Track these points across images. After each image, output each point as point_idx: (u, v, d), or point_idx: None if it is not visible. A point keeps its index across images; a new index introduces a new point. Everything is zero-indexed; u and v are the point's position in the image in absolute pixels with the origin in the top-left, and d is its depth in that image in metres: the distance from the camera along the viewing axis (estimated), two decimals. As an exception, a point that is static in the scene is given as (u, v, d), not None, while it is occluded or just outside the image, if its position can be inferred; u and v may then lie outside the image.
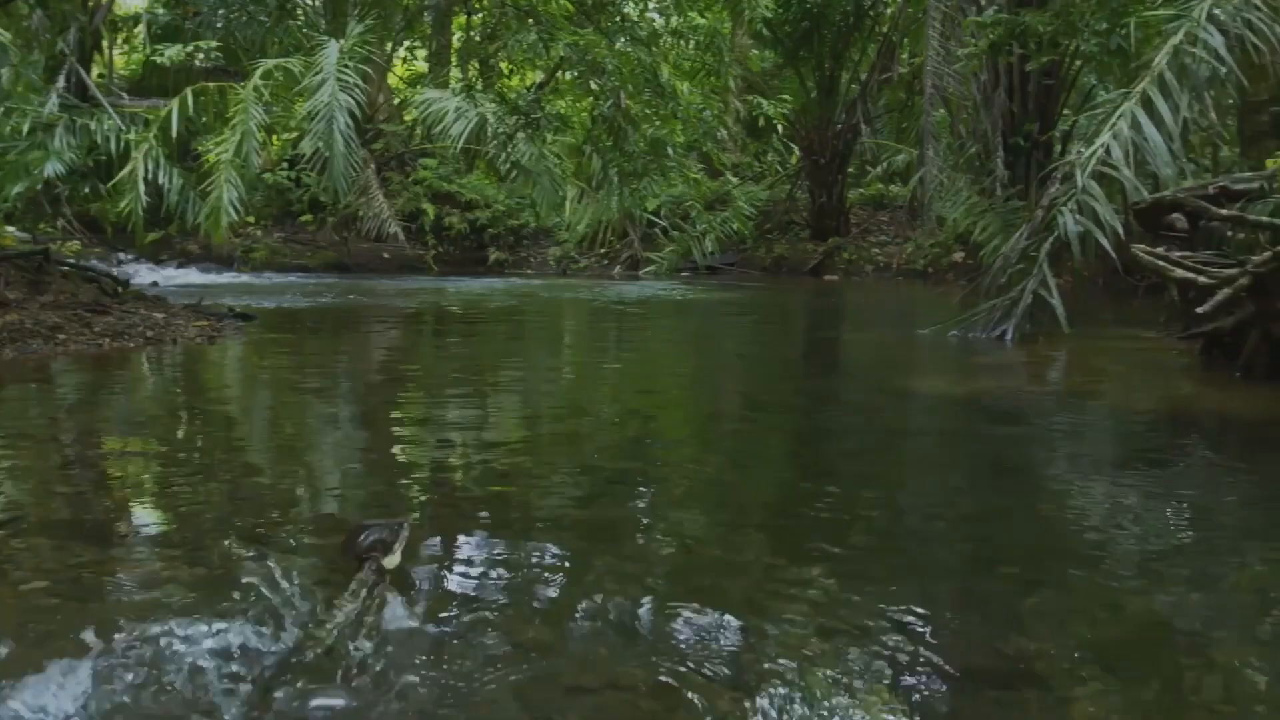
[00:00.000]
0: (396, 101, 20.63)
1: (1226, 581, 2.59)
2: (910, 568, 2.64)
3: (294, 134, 16.90)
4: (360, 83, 13.25)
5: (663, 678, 1.89)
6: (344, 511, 3.05)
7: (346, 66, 12.99)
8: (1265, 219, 5.74)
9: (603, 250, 19.40)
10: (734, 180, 20.21)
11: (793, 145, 21.42)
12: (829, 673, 1.93)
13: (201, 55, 17.07)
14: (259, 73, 12.82)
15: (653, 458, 4.04)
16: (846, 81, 18.73)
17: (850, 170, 19.99)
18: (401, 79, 22.41)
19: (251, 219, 16.71)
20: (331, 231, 17.83)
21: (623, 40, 10.08)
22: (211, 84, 14.27)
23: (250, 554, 2.52)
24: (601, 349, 8.51)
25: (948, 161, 15.50)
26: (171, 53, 16.73)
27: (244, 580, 2.33)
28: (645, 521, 3.00)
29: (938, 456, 4.29)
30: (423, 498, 3.28)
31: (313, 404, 5.21)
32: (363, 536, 2.11)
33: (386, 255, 17.57)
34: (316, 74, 12.88)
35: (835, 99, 18.52)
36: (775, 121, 20.51)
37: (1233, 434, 4.77)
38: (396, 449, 4.16)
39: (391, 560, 2.06)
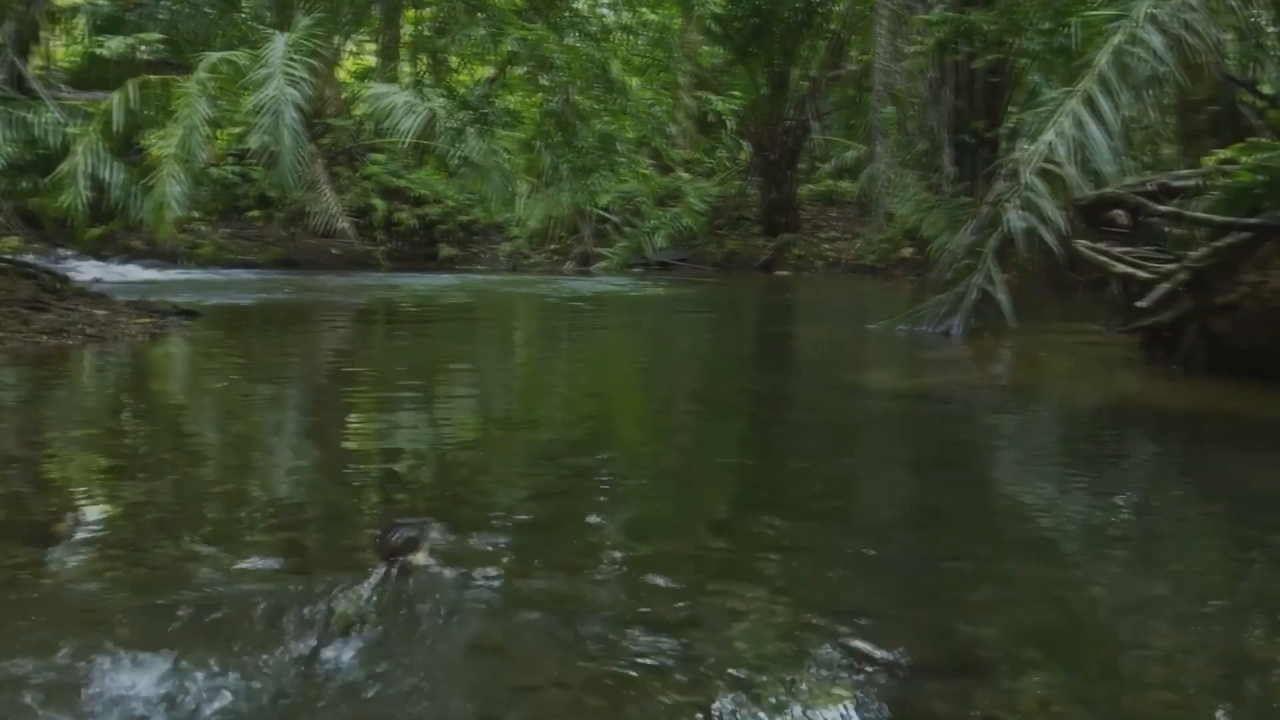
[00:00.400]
0: (345, 96, 20.42)
1: (1166, 571, 2.64)
2: (859, 561, 2.67)
3: (240, 128, 16.65)
4: (308, 77, 13.07)
5: (610, 674, 1.89)
6: (290, 509, 3.01)
7: (294, 60, 12.80)
8: (1202, 215, 5.85)
9: (554, 246, 19.36)
10: (685, 176, 20.26)
11: (743, 141, 21.51)
12: (777, 666, 1.95)
13: (144, 48, 16.74)
14: (204, 66, 12.60)
15: (604, 454, 4.04)
16: (796, 78, 18.84)
17: (800, 166, 20.13)
18: (350, 73, 22.18)
19: (197, 214, 16.45)
20: (279, 227, 17.62)
21: (572, 36, 10.05)
22: (155, 77, 14.00)
23: (193, 553, 2.49)
24: (554, 345, 8.50)
25: (896, 158, 15.66)
26: (113, 45, 16.39)
27: (188, 580, 2.30)
28: (597, 517, 3.00)
29: (886, 451, 4.33)
30: (372, 495, 3.26)
31: (259, 403, 5.14)
32: (393, 535, 2.19)
33: (335, 251, 17.39)
34: (263, 67, 12.68)
35: (785, 95, 18.63)
36: (725, 117, 20.58)
37: (1172, 427, 4.87)
38: (345, 446, 4.12)
39: (419, 557, 2.14)
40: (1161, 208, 6.32)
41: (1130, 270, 6.18)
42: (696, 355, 7.87)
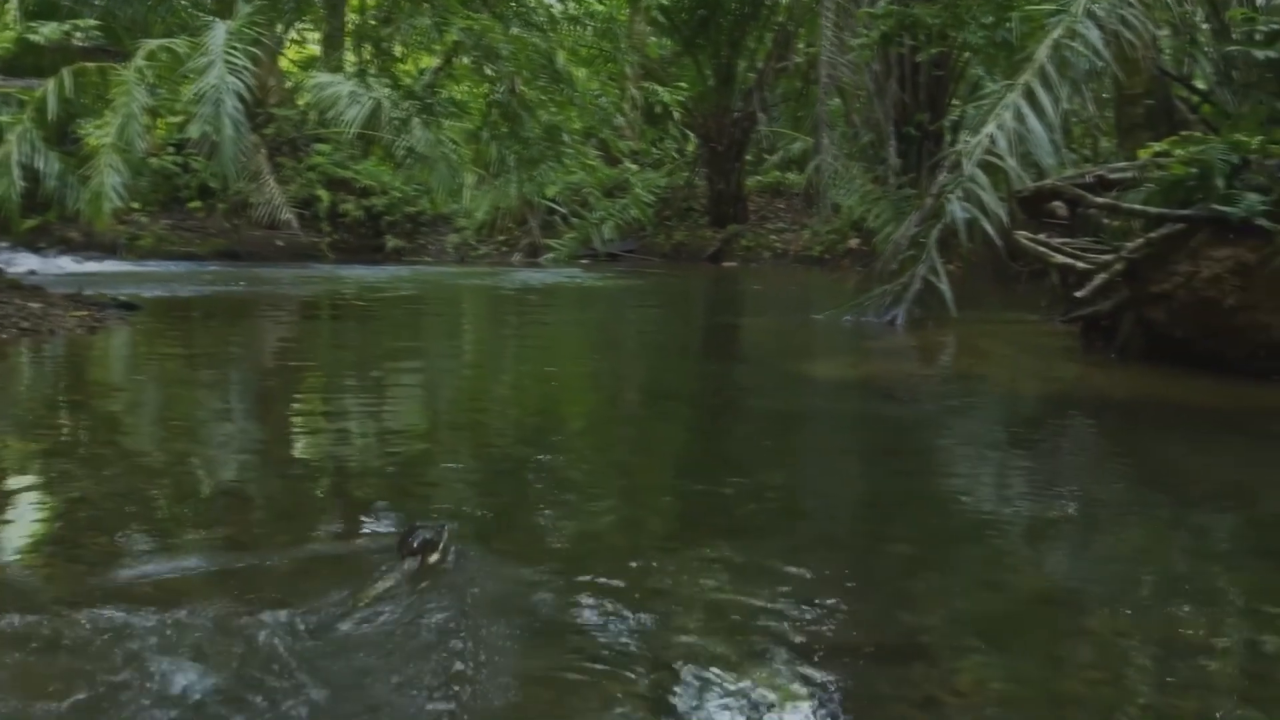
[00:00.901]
0: (289, 85, 20.12)
1: (1102, 555, 2.71)
2: (806, 548, 2.70)
3: (180, 117, 16.34)
4: (250, 65, 12.83)
5: (559, 662, 1.90)
6: (232, 506, 2.98)
7: (235, 48, 12.56)
8: (1138, 206, 5.98)
9: (502, 237, 19.26)
10: (633, 167, 20.25)
11: (689, 132, 21.54)
12: (721, 651, 1.97)
13: (80, 34, 16.36)
14: (142, 53, 12.32)
15: (553, 444, 4.04)
16: (743, 70, 18.90)
17: (748, 158, 20.20)
18: (293, 62, 21.86)
19: (136, 205, 16.12)
20: (222, 218, 17.32)
21: (518, 25, 9.99)
22: (91, 64, 13.68)
23: (131, 551, 2.45)
24: (502, 337, 8.46)
25: (842, 150, 15.78)
26: (47, 31, 15.97)
27: (123, 576, 2.27)
28: (544, 507, 3.00)
29: (832, 439, 4.39)
30: (316, 490, 3.23)
31: (200, 396, 5.07)
32: (412, 537, 2.35)
33: (280, 243, 17.14)
34: (203, 55, 12.44)
35: (732, 87, 18.67)
36: (672, 109, 20.58)
37: (1110, 413, 4.98)
38: (289, 440, 4.08)
39: (435, 557, 2.32)
40: (1098, 199, 6.44)
41: (1068, 261, 6.30)
42: (645, 346, 7.89)
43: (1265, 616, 2.29)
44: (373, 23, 12.98)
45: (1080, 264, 6.15)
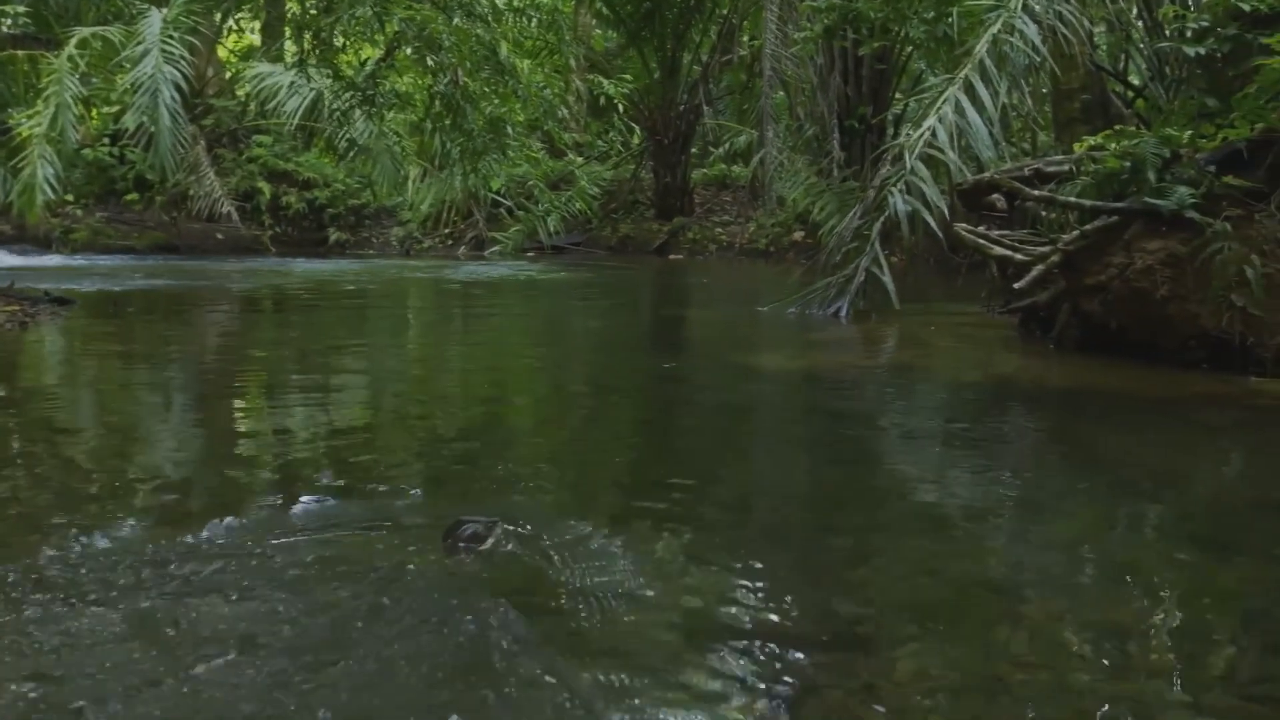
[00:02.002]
0: (228, 75, 19.80)
1: (1040, 543, 2.76)
2: (749, 539, 2.72)
3: (115, 108, 16.03)
4: (187, 55, 12.62)
5: (501, 657, 1.90)
6: (171, 504, 2.93)
7: (171, 37, 12.34)
8: (1073, 199, 6.09)
9: (447, 230, 19.13)
10: (578, 160, 20.21)
11: (634, 125, 21.54)
12: (662, 641, 1.98)
13: (8, 21, 15.96)
14: (74, 41, 12.05)
15: (498, 438, 4.03)
16: (688, 63, 18.93)
17: (694, 151, 20.24)
18: (232, 52, 21.51)
19: (70, 198, 15.78)
20: (159, 211, 17.01)
21: (460, 17, 9.91)
22: (20, 52, 13.36)
23: (60, 551, 2.41)
24: (447, 330, 8.41)
25: (787, 143, 15.87)
26: (-27, 18, 15.59)
27: (50, 579, 2.23)
28: (489, 503, 2.98)
29: (777, 430, 4.42)
30: (258, 487, 3.19)
31: (137, 393, 4.98)
32: (462, 529, 2.44)
33: (220, 236, 16.89)
34: (138, 44, 12.20)
35: (678, 80, 18.70)
36: (617, 101, 20.57)
37: (1047, 403, 5.08)
38: (231, 437, 4.03)
39: (484, 549, 2.40)
40: (1035, 192, 6.55)
41: (1007, 253, 6.39)
42: (591, 338, 7.89)
43: (1198, 600, 2.35)
44: (313, 12, 12.79)
45: (1018, 256, 6.25)
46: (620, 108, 21.50)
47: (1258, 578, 2.50)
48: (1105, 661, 1.96)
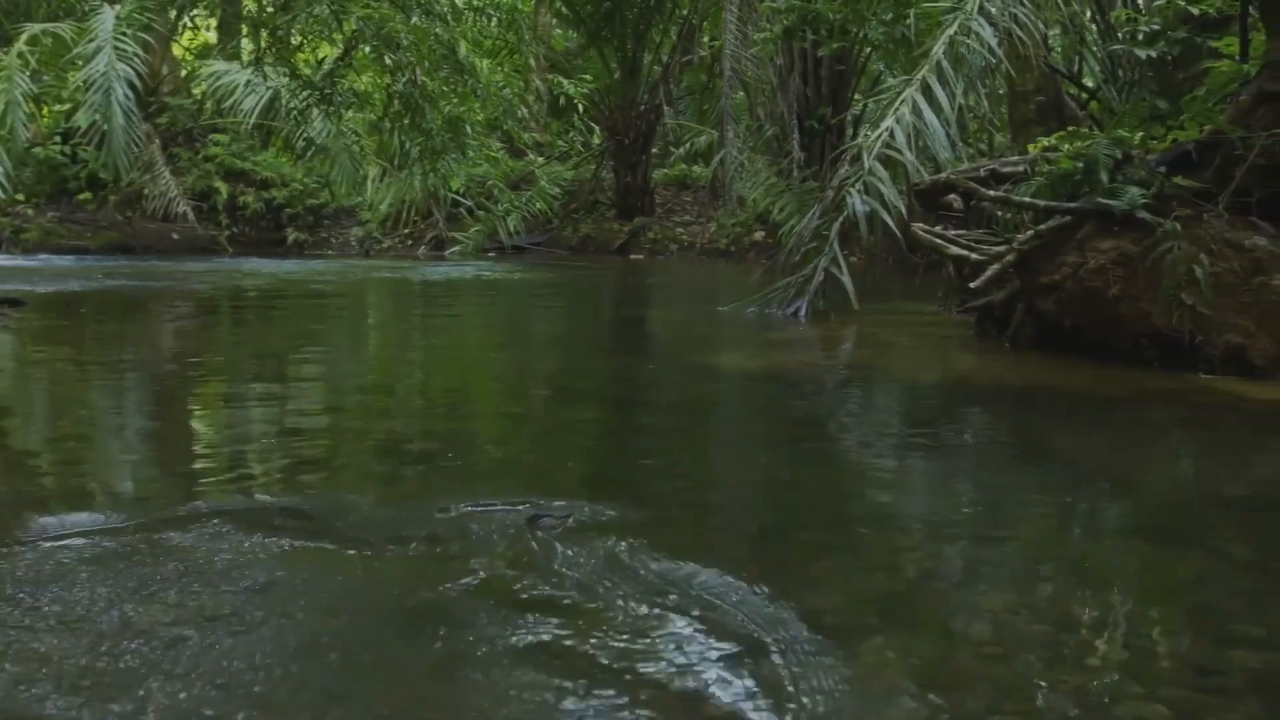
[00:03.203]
0: (183, 73, 19.56)
1: (997, 538, 2.80)
2: (710, 535, 2.74)
3: (67, 105, 15.80)
4: (141, 52, 12.48)
5: (451, 658, 1.90)
6: (128, 506, 2.90)
7: (124, 34, 12.19)
8: (1027, 200, 6.17)
9: (407, 230, 19.02)
10: (538, 160, 20.18)
11: (594, 125, 21.54)
12: (622, 640, 1.98)
13: (-44, 18, 15.68)
14: (24, 38, 11.89)
15: (458, 440, 4.01)
16: (649, 63, 18.97)
17: (654, 151, 20.29)
18: (187, 49, 21.24)
19: (21, 197, 15.53)
20: (114, 211, 16.77)
21: (419, 16, 9.86)
22: (-31, 49, 13.14)
23: (8, 553, 2.37)
24: (407, 331, 8.37)
25: (747, 143, 15.96)
26: (-81, 14, 15.29)
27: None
28: (446, 504, 2.97)
29: (737, 429, 4.44)
30: (215, 489, 3.16)
31: (92, 394, 4.91)
32: (540, 521, 2.54)
33: (176, 236, 16.67)
34: (90, 41, 12.03)
35: (638, 80, 18.73)
36: (577, 101, 20.56)
37: (1004, 401, 5.14)
38: (187, 439, 3.98)
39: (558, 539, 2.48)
40: (990, 192, 6.63)
41: (963, 252, 6.47)
42: (551, 339, 7.88)
43: (1150, 593, 2.40)
44: (269, 10, 12.67)
45: (974, 255, 6.32)
46: (580, 107, 21.49)
47: (1209, 571, 2.56)
48: (1062, 653, 2.00)
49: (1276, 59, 5.61)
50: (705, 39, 19.44)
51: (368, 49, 11.73)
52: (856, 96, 16.29)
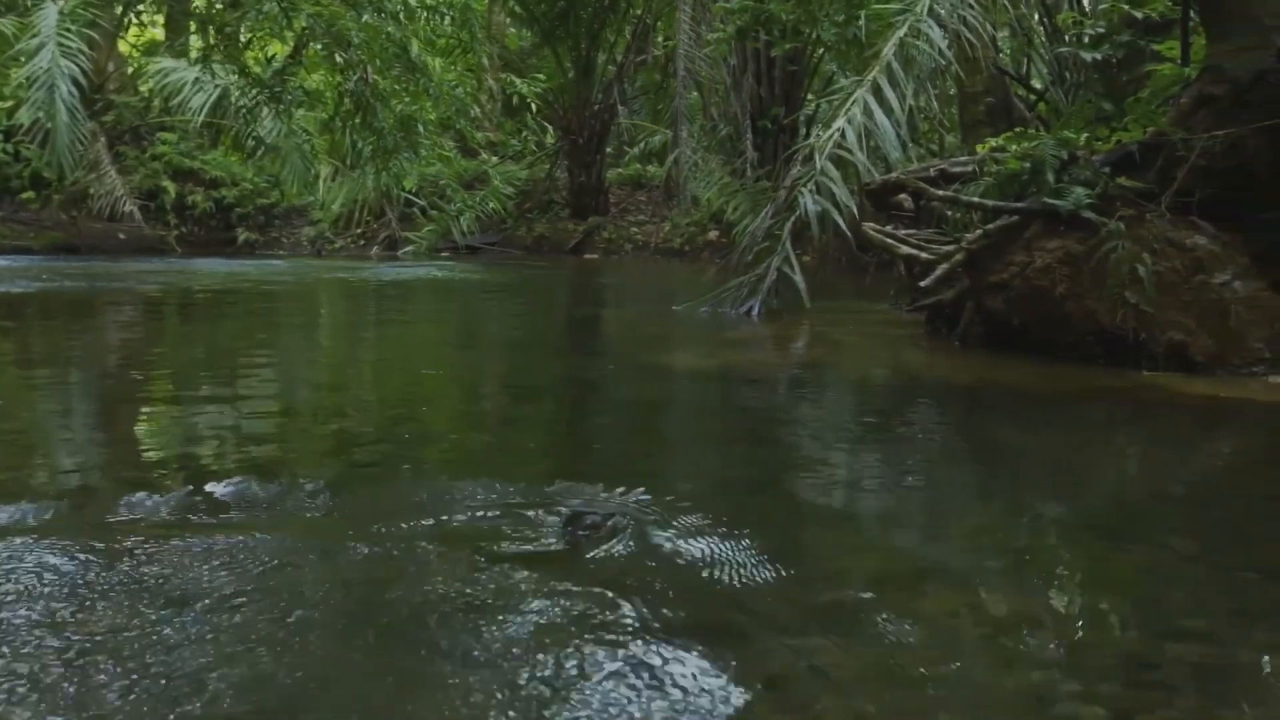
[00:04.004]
0: (129, 70, 19.25)
1: (945, 536, 2.82)
2: (661, 534, 2.73)
3: (9, 103, 15.51)
4: (85, 48, 12.28)
5: (410, 662, 1.88)
6: (73, 508, 2.84)
7: (68, 30, 11.98)
8: (975, 199, 6.25)
9: (359, 230, 18.86)
10: (492, 159, 20.10)
11: (548, 124, 21.50)
12: (559, 644, 1.98)
13: (-107, 13, 15.32)
14: (-37, 34, 11.65)
15: (411, 441, 3.98)
16: (603, 62, 18.96)
17: (609, 150, 20.28)
18: (134, 46, 20.90)
19: (-39, 197, 15.23)
20: (58, 210, 16.48)
21: (370, 13, 9.78)
22: (-93, 45, 12.85)
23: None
24: (360, 332, 8.30)
25: (701, 143, 16.01)
26: None
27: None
28: (399, 505, 2.95)
29: (691, 428, 4.45)
30: (162, 491, 3.11)
31: (37, 394, 4.81)
32: (582, 520, 2.60)
33: (122, 236, 16.41)
34: (33, 37, 11.81)
35: (592, 79, 18.72)
36: (530, 100, 20.51)
37: (953, 398, 5.20)
38: (134, 442, 3.91)
39: (600, 537, 2.54)
40: (939, 192, 6.70)
41: (913, 252, 6.53)
42: (506, 340, 7.85)
43: (1094, 589, 2.43)
44: (218, 7, 12.51)
45: (924, 255, 6.39)
46: (533, 107, 21.44)
47: (1151, 566, 2.60)
48: (1007, 652, 2.02)
49: (1216, 63, 5.72)
50: (659, 39, 19.46)
51: (319, 47, 11.61)
52: (809, 97, 16.40)
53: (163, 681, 1.79)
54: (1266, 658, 2.02)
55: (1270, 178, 5.43)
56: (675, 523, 2.86)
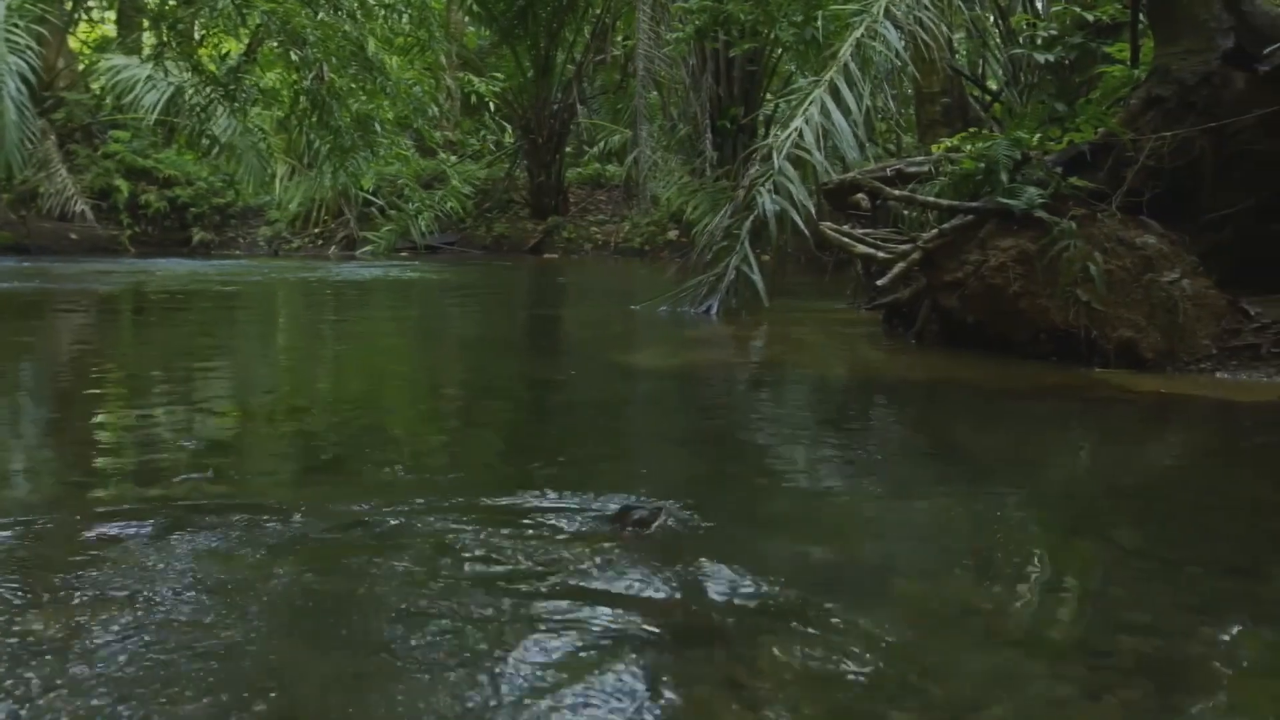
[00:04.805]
0: (80, 67, 18.95)
1: (901, 530, 2.86)
2: (619, 537, 2.74)
3: (-45, 101, 15.19)
4: (34, 45, 12.09)
5: (360, 665, 1.88)
6: (16, 510, 2.80)
7: (16, 25, 11.79)
8: (931, 199, 6.32)
9: (317, 230, 18.69)
10: (450, 159, 19.99)
11: (506, 124, 21.42)
12: (523, 644, 1.98)
13: None
14: (-92, 30, 11.42)
15: (370, 442, 3.96)
16: (562, 61, 18.93)
17: (568, 150, 20.25)
18: (85, 42, 20.57)
19: (-95, 196, 14.93)
20: (6, 209, 16.18)
21: (326, 11, 9.70)
22: None
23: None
24: (318, 333, 8.22)
25: (660, 142, 16.05)
26: None
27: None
28: (357, 506, 2.94)
29: (650, 427, 4.46)
30: (117, 494, 3.07)
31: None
32: (630, 514, 2.68)
33: (74, 236, 16.15)
34: (-20, 34, 11.61)
35: (551, 78, 18.68)
36: (488, 99, 20.42)
37: (909, 396, 5.26)
38: (87, 444, 3.86)
39: (650, 530, 2.64)
40: (895, 192, 6.77)
41: (870, 251, 6.59)
42: (465, 339, 7.82)
43: (1048, 582, 2.47)
44: (171, 3, 12.35)
45: (881, 254, 6.45)
46: (492, 106, 21.36)
47: (1100, 558, 2.65)
48: (957, 644, 2.04)
49: (1164, 64, 5.83)
50: (618, 38, 19.47)
51: (274, 44, 11.49)
52: (768, 96, 16.47)
53: (107, 685, 1.77)
54: (1211, 649, 2.07)
55: (1216, 178, 5.54)
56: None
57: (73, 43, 19.00)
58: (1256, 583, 2.49)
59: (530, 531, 2.67)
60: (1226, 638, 2.13)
